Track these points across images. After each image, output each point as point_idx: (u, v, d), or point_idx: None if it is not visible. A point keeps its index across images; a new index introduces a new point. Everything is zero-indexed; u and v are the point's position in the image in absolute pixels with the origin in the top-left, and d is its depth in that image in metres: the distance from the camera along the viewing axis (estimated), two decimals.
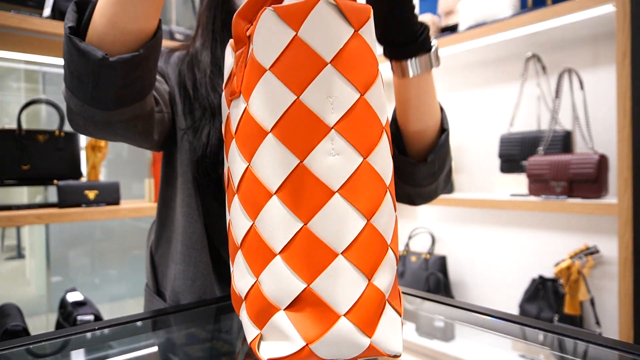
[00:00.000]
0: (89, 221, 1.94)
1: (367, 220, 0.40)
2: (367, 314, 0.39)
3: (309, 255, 0.38)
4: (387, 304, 0.42)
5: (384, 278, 0.41)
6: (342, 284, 0.38)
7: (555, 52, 1.73)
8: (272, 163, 0.40)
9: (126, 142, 0.64)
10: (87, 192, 1.56)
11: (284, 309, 0.39)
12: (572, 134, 1.61)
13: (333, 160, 0.39)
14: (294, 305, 0.39)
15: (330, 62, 0.39)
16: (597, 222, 1.61)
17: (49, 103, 1.63)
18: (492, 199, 1.69)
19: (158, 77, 0.74)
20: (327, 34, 0.39)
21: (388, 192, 0.42)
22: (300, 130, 0.39)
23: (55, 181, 1.54)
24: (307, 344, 0.38)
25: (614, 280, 1.56)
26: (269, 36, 0.40)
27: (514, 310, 1.77)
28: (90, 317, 1.46)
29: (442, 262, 2.02)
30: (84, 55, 0.50)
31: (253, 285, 0.42)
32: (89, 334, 0.56)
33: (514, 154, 1.70)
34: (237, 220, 0.44)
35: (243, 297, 0.43)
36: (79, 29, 0.52)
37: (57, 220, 1.44)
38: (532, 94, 1.78)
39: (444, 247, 2.14)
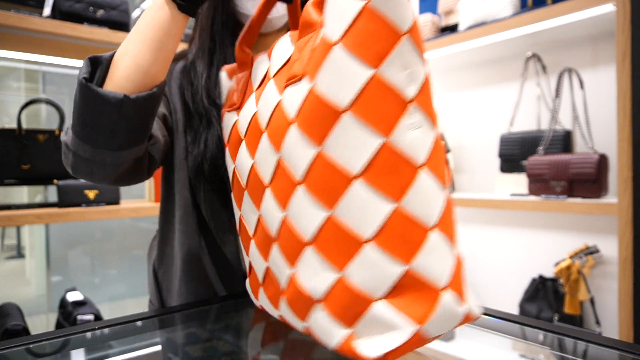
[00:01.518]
0: (89, 221, 1.94)
1: (445, 191, 0.38)
2: (459, 283, 0.37)
3: (404, 235, 0.36)
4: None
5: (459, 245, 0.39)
6: (437, 258, 0.36)
7: (555, 51, 1.73)
8: (351, 144, 0.37)
9: (124, 184, 0.67)
10: (87, 191, 1.56)
11: (382, 298, 0.37)
12: (572, 133, 1.61)
13: (415, 135, 0.37)
14: (392, 291, 0.36)
15: (407, 33, 0.37)
16: (597, 222, 1.61)
17: (49, 103, 1.63)
18: (492, 198, 1.69)
19: None
20: (400, 4, 0.36)
21: None
22: (381, 105, 0.36)
23: (55, 181, 1.54)
24: (419, 327, 0.35)
25: (614, 280, 1.56)
26: (337, 9, 0.38)
27: (514, 310, 1.77)
28: (90, 317, 1.46)
29: None
30: (104, 99, 0.54)
31: (337, 281, 0.38)
32: (89, 334, 0.56)
33: (514, 153, 1.70)
34: (303, 213, 0.40)
35: (318, 297, 0.39)
36: (92, 81, 0.57)
37: (57, 220, 1.44)
38: (532, 94, 1.78)
39: None
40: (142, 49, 0.56)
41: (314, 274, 0.39)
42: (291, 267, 0.42)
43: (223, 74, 0.58)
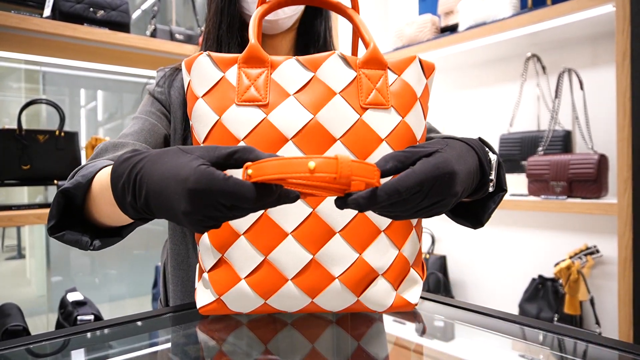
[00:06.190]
0: None
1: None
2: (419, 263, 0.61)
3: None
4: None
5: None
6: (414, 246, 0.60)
7: (555, 52, 1.74)
8: None
9: None
10: None
11: (412, 265, 0.57)
12: (571, 134, 1.61)
13: None
14: (416, 259, 0.59)
15: (418, 99, 0.60)
16: (597, 222, 1.61)
17: (49, 103, 1.63)
18: None
19: (156, 119, 0.73)
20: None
21: None
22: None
23: (55, 181, 1.54)
24: (422, 280, 0.60)
25: (614, 280, 1.56)
26: (417, 75, 0.58)
27: (513, 310, 1.77)
28: (90, 317, 1.46)
29: (442, 262, 2.02)
30: (73, 243, 0.53)
31: (397, 256, 0.54)
32: (89, 334, 0.56)
33: (514, 154, 1.70)
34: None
35: (383, 272, 0.54)
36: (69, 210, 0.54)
37: None
38: (532, 94, 1.78)
39: (443, 247, 2.14)
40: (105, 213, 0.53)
41: (382, 254, 0.54)
42: (359, 252, 0.53)
43: (206, 59, 0.55)
